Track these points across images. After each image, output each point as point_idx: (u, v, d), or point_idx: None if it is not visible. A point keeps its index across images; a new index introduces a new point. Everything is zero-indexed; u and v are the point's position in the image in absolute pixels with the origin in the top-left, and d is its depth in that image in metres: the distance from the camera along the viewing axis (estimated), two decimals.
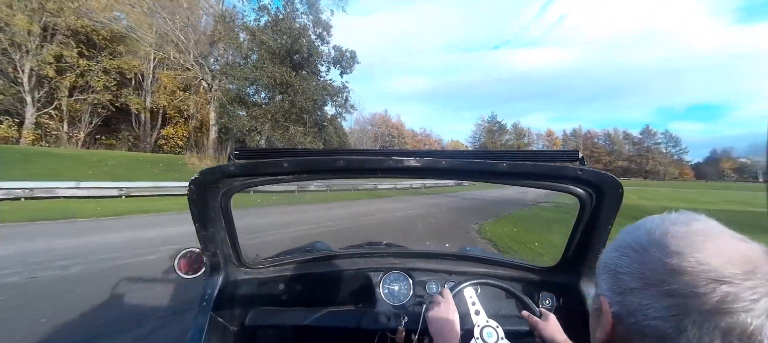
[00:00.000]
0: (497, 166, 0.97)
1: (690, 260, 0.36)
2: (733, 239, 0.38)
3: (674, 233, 0.40)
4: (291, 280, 1.38)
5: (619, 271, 0.42)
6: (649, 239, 0.41)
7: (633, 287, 0.40)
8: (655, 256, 0.39)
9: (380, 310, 1.32)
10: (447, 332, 0.88)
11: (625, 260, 0.42)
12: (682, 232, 0.40)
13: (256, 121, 23.15)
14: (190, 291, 3.59)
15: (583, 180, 0.97)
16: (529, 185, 1.09)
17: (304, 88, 23.65)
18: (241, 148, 1.08)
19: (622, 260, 0.43)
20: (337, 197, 16.87)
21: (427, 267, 1.42)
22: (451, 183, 29.29)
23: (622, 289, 0.41)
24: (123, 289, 3.96)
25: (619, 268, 0.43)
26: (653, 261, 0.39)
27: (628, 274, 0.41)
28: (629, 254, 0.42)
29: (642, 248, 0.41)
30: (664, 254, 0.38)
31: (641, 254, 0.41)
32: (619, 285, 0.42)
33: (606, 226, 1.03)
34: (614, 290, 0.43)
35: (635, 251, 0.42)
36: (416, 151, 1.00)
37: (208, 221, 1.07)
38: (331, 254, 1.55)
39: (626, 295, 0.41)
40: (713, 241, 0.38)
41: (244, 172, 1.00)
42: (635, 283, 0.40)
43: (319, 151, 1.17)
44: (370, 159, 0.97)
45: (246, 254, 1.30)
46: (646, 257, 0.40)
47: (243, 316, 1.28)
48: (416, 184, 25.77)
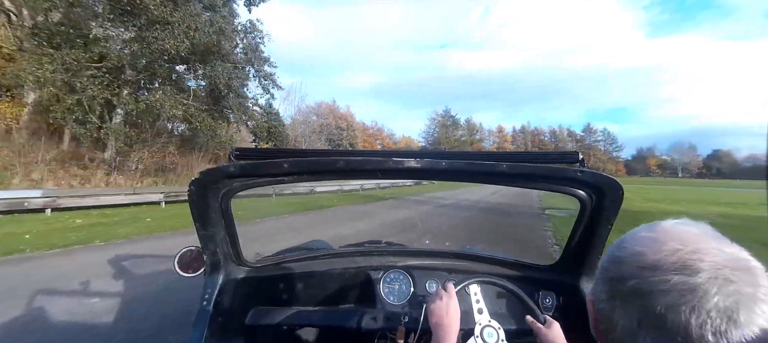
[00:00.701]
0: (498, 167, 0.97)
1: (628, 250, 0.42)
2: (691, 237, 0.40)
3: (637, 232, 0.45)
4: (291, 279, 1.39)
5: (608, 273, 0.46)
6: (619, 240, 0.47)
7: (597, 278, 0.48)
8: (611, 252, 0.46)
9: (380, 309, 1.32)
10: (445, 326, 0.85)
11: (613, 266, 0.46)
12: (642, 230, 0.45)
13: (95, 80, 12.52)
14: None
15: (583, 181, 0.98)
16: (529, 187, 1.09)
17: (183, 20, 13.26)
18: (242, 149, 1.09)
19: (612, 265, 0.46)
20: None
21: (428, 266, 1.42)
22: (408, 183, 26.51)
23: (609, 292, 0.45)
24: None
25: (608, 271, 0.46)
26: (608, 256, 0.46)
27: (614, 276, 0.44)
28: (616, 259, 0.45)
29: (615, 247, 0.46)
30: (616, 249, 0.45)
31: (608, 254, 0.47)
32: (608, 287, 0.45)
33: (606, 226, 1.03)
34: (602, 291, 0.47)
35: (620, 255, 0.45)
36: (416, 152, 1.03)
37: (208, 220, 1.07)
38: (331, 252, 1.57)
39: (594, 286, 0.49)
40: (661, 237, 0.41)
41: (244, 172, 1.00)
42: (599, 275, 0.47)
43: (319, 152, 1.23)
44: (371, 160, 0.97)
45: (246, 253, 1.30)
46: (608, 253, 0.47)
47: (243, 315, 1.28)
48: (369, 185, 22.79)
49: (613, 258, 0.45)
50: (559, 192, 1.05)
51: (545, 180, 1.03)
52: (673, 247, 0.38)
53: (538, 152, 1.21)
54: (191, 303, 1.31)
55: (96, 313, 3.47)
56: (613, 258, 0.45)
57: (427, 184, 26.42)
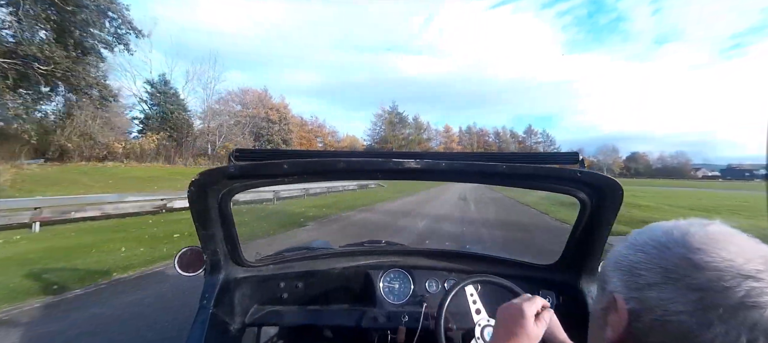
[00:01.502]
0: (498, 167, 0.98)
1: (714, 255, 0.37)
2: (750, 239, 0.39)
3: (694, 233, 0.40)
4: (291, 278, 1.38)
5: (636, 267, 0.42)
6: (668, 238, 0.41)
7: (652, 283, 0.39)
8: (677, 252, 0.39)
9: (380, 308, 1.32)
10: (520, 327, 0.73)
11: (643, 256, 0.42)
12: (701, 232, 0.40)
13: None
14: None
15: (583, 182, 0.98)
16: (529, 187, 1.09)
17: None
18: (241, 150, 1.08)
19: (639, 257, 0.42)
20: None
21: (428, 265, 1.43)
22: (351, 185, 25.04)
23: (640, 284, 0.40)
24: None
25: (635, 265, 0.42)
26: (675, 257, 0.39)
27: (647, 270, 0.40)
28: (647, 250, 0.42)
29: (661, 245, 0.41)
30: (687, 250, 0.38)
31: (661, 251, 0.40)
32: (636, 281, 0.41)
33: (606, 226, 1.03)
34: (630, 286, 0.42)
35: (654, 248, 0.41)
36: (416, 154, 1.01)
37: (208, 221, 1.07)
38: (331, 252, 1.55)
39: (644, 290, 0.40)
40: (733, 240, 0.38)
41: (243, 173, 1.00)
42: (655, 278, 0.39)
43: (319, 153, 1.18)
44: (371, 161, 0.98)
45: (246, 253, 1.30)
46: (667, 253, 0.40)
47: (243, 314, 1.28)
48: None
49: (685, 260, 0.38)
50: (559, 192, 1.04)
51: (545, 181, 1.02)
52: (757, 255, 0.36)
53: (537, 153, 1.21)
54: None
55: None
56: (685, 260, 0.38)
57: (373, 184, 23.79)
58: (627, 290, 0.42)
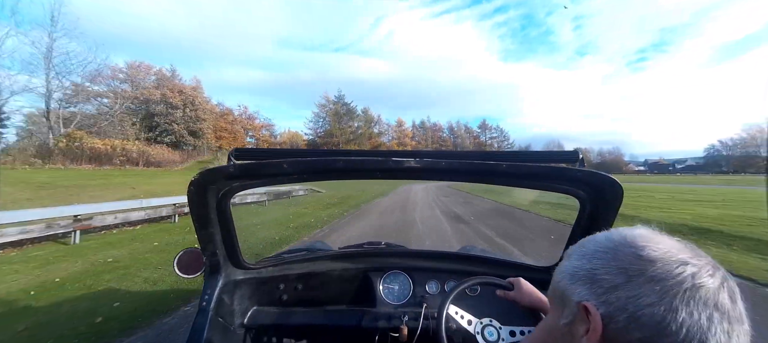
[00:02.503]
0: (498, 167, 0.97)
1: (656, 248, 0.42)
2: (665, 235, 0.45)
3: (630, 234, 0.45)
4: (291, 280, 1.38)
5: (596, 274, 0.44)
6: (613, 241, 0.45)
7: (617, 283, 0.42)
8: (627, 251, 0.43)
9: (380, 309, 1.31)
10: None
11: (598, 262, 0.44)
12: (634, 233, 0.45)
13: None
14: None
15: (583, 181, 0.97)
16: (529, 186, 1.08)
17: None
18: (240, 149, 1.08)
19: (594, 263, 0.45)
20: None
21: (427, 267, 1.42)
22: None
23: (605, 288, 0.42)
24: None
25: (594, 272, 0.44)
26: (628, 256, 0.42)
27: (607, 273, 0.43)
28: (600, 256, 0.45)
29: (611, 250, 0.44)
30: (635, 249, 0.42)
31: (612, 254, 0.44)
32: (601, 286, 0.43)
33: (606, 226, 1.00)
34: (596, 292, 0.43)
35: (605, 253, 0.44)
36: (416, 152, 1.00)
37: (207, 221, 1.06)
38: (331, 253, 1.54)
39: (611, 292, 0.42)
40: (657, 238, 0.44)
41: (243, 173, 0.99)
42: (618, 279, 0.42)
43: (319, 152, 1.13)
44: (370, 160, 0.97)
45: (246, 254, 1.28)
46: (619, 254, 0.43)
47: (243, 315, 1.27)
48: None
49: (638, 258, 0.42)
50: (559, 192, 1.03)
51: (545, 180, 1.02)
52: (678, 246, 0.43)
53: (537, 152, 1.19)
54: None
55: None
56: (638, 258, 0.42)
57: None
58: (594, 297, 0.43)
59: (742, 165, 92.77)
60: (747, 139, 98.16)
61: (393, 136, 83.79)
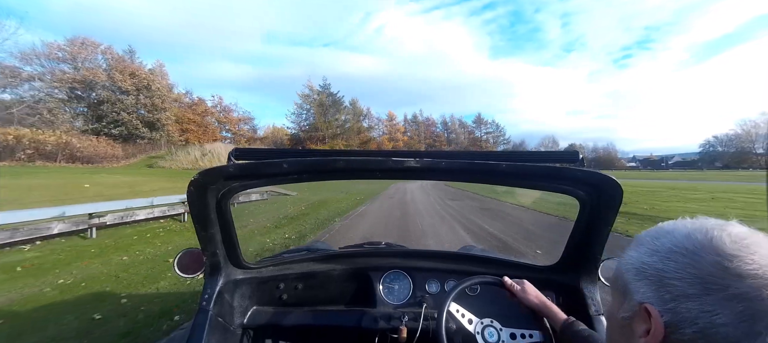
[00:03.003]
0: (498, 167, 0.97)
1: (749, 262, 0.36)
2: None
3: (719, 236, 0.39)
4: (291, 280, 1.38)
5: (666, 277, 0.40)
6: (695, 244, 0.39)
7: (689, 293, 0.38)
8: (710, 259, 0.37)
9: (380, 309, 1.31)
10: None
11: (672, 264, 0.40)
12: (726, 235, 0.39)
13: None
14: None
15: (583, 181, 0.97)
16: (529, 186, 1.07)
17: None
18: (240, 149, 1.10)
19: (667, 265, 0.40)
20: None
21: (428, 266, 1.42)
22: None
23: (674, 296, 0.39)
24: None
25: (664, 274, 0.40)
26: (710, 265, 0.37)
27: (680, 279, 0.38)
28: (675, 258, 0.40)
29: (690, 252, 0.39)
30: (721, 258, 0.37)
31: (692, 259, 0.39)
32: (669, 292, 0.39)
33: (606, 226, 1.02)
34: (663, 297, 0.40)
35: (683, 256, 0.39)
36: (416, 152, 1.00)
37: (207, 221, 1.06)
38: (331, 253, 1.54)
39: (681, 302, 0.38)
40: (761, 243, 0.37)
41: (243, 173, 0.99)
42: (692, 289, 0.37)
43: (319, 152, 1.14)
44: (371, 160, 0.98)
45: (246, 254, 1.29)
46: (699, 260, 0.38)
47: (243, 315, 1.28)
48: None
49: (721, 269, 0.36)
50: (559, 192, 1.03)
51: (545, 180, 1.02)
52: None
53: (537, 152, 1.22)
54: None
55: None
56: (721, 269, 0.36)
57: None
58: (660, 302, 0.40)
59: (736, 161, 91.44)
60: (742, 134, 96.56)
61: (384, 131, 78.66)
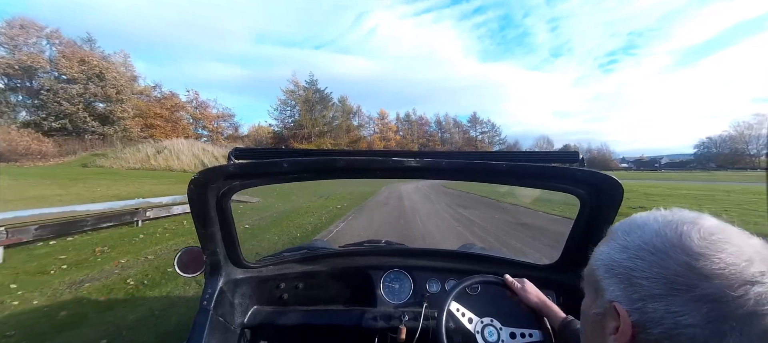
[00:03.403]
0: (498, 167, 0.97)
1: (717, 261, 0.35)
2: (742, 235, 0.38)
3: (689, 233, 0.38)
4: (291, 279, 1.37)
5: (635, 276, 0.39)
6: (664, 241, 0.39)
7: (656, 293, 0.37)
8: (678, 259, 0.37)
9: (380, 308, 1.31)
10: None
11: (640, 263, 0.39)
12: (697, 232, 0.38)
13: None
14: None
15: (584, 181, 0.97)
16: (529, 186, 1.08)
17: None
18: (241, 149, 1.11)
19: (636, 263, 0.39)
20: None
21: (428, 265, 1.42)
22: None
23: (642, 295, 0.38)
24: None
25: (633, 272, 0.39)
26: (678, 265, 0.36)
27: (648, 279, 0.38)
28: (644, 257, 0.39)
29: (658, 250, 0.38)
30: (689, 257, 0.36)
31: (660, 258, 0.38)
32: (637, 291, 0.39)
33: (606, 225, 1.06)
34: (631, 296, 0.39)
35: (651, 254, 0.39)
36: (417, 152, 1.01)
37: (207, 220, 1.06)
38: (331, 252, 1.55)
39: (648, 302, 0.37)
40: (730, 239, 0.37)
41: (243, 172, 1.00)
42: (659, 289, 0.37)
43: (319, 152, 1.17)
44: (371, 160, 0.98)
45: (246, 253, 1.29)
46: (666, 260, 0.37)
47: (243, 315, 1.28)
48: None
49: (689, 269, 0.36)
50: (559, 191, 1.03)
51: (545, 179, 1.03)
52: (753, 252, 0.35)
53: (537, 152, 1.21)
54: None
55: None
56: (689, 269, 0.36)
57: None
58: (628, 301, 0.39)
59: (730, 161, 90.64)
60: (735, 136, 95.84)
61: (375, 129, 74.65)
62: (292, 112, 55.27)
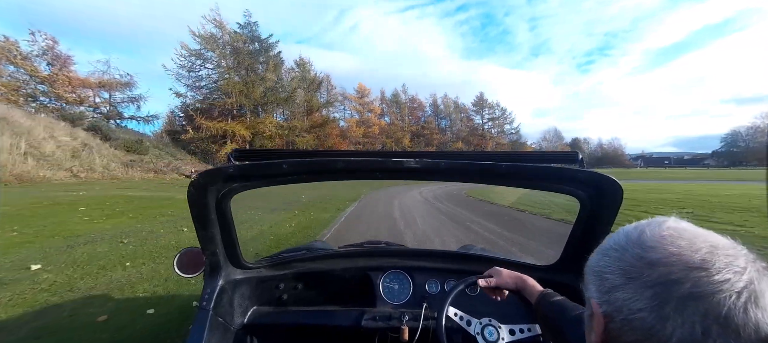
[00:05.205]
0: (498, 167, 0.98)
1: (663, 251, 0.39)
2: (701, 233, 0.41)
3: (649, 232, 0.42)
4: (291, 279, 1.38)
5: (603, 271, 0.43)
6: (627, 240, 0.43)
7: (616, 284, 0.41)
8: (633, 252, 0.41)
9: (380, 309, 1.31)
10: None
11: (607, 260, 0.44)
12: (656, 230, 0.42)
13: None
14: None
15: (583, 181, 0.97)
16: (529, 187, 1.08)
17: None
18: (240, 150, 1.11)
19: (605, 261, 0.44)
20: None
21: (427, 266, 1.42)
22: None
23: (607, 287, 0.42)
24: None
25: (602, 269, 0.44)
26: (632, 257, 0.41)
27: (611, 272, 0.42)
28: (610, 254, 0.44)
29: (621, 247, 0.43)
30: (641, 250, 0.40)
31: (620, 253, 0.42)
32: (604, 284, 0.43)
33: (606, 226, 1.02)
34: (601, 290, 0.43)
35: (615, 251, 0.43)
36: (417, 153, 1.01)
37: (207, 221, 1.06)
38: (331, 253, 1.55)
39: (611, 293, 0.41)
40: (684, 235, 0.40)
41: (243, 174, 1.00)
42: (618, 280, 0.41)
43: (318, 153, 1.09)
44: (371, 161, 0.99)
45: (246, 254, 1.28)
46: (625, 254, 0.42)
47: (243, 315, 1.27)
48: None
49: (640, 259, 0.40)
50: (559, 192, 1.03)
51: (545, 180, 1.03)
52: (705, 245, 0.38)
53: (537, 152, 1.21)
54: None
55: None
56: (640, 259, 0.40)
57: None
58: (599, 295, 0.43)
59: (744, 157, 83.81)
60: (761, 127, 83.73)
61: (350, 112, 53.73)
62: (212, 71, 33.29)
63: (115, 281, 3.64)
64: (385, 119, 56.78)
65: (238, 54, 33.36)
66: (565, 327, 0.75)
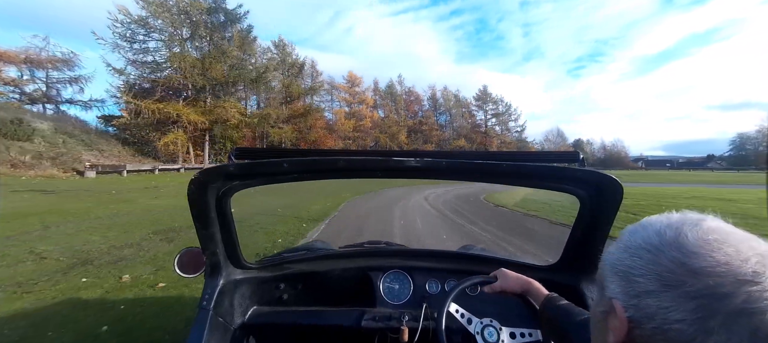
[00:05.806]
0: (498, 166, 0.99)
1: (709, 260, 0.35)
2: (745, 237, 0.38)
3: (687, 233, 0.38)
4: (291, 279, 1.37)
5: (632, 273, 0.40)
6: (661, 240, 0.39)
7: (650, 290, 0.38)
8: (671, 256, 0.37)
9: (380, 309, 1.31)
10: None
11: (638, 261, 0.40)
12: (695, 232, 0.38)
13: None
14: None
15: (584, 181, 0.98)
16: (530, 186, 1.10)
17: None
18: (241, 149, 1.11)
19: (634, 262, 0.40)
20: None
21: (428, 266, 1.42)
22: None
23: (638, 292, 0.39)
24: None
25: (631, 270, 0.40)
26: (670, 261, 0.37)
27: (643, 276, 0.39)
28: (641, 255, 0.40)
29: (655, 249, 0.39)
30: (681, 255, 0.37)
31: (655, 255, 0.39)
32: (634, 288, 0.39)
33: (606, 225, 1.02)
34: (628, 293, 0.40)
35: (648, 252, 0.40)
36: (417, 152, 1.01)
37: (207, 220, 1.06)
38: (331, 253, 1.56)
39: (642, 298, 0.38)
40: (728, 240, 0.37)
41: (243, 172, 1.00)
42: (652, 285, 0.38)
43: (319, 152, 1.14)
44: (371, 160, 0.99)
45: (246, 253, 1.29)
46: (661, 257, 0.38)
47: (243, 315, 1.27)
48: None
49: (680, 266, 0.36)
50: (559, 191, 1.03)
51: (545, 179, 1.04)
52: (753, 254, 0.35)
53: (537, 152, 1.21)
54: None
55: None
56: (680, 266, 0.36)
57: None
58: (625, 297, 0.40)
59: (740, 162, 79.66)
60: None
61: (339, 102, 47.52)
62: (163, 43, 26.69)
63: None
64: (378, 112, 50.74)
65: (195, 26, 26.78)
66: (571, 331, 0.74)
